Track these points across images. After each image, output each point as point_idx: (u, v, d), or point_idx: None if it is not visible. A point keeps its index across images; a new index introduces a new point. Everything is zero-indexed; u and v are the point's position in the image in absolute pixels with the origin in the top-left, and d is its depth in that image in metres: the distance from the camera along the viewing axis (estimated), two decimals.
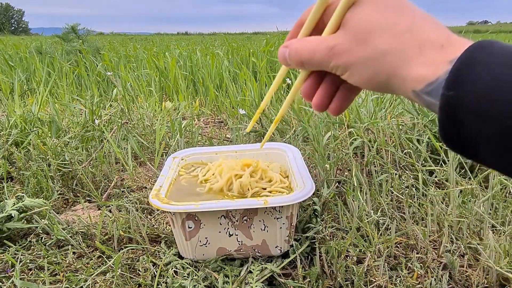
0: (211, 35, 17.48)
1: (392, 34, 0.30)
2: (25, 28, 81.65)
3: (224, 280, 0.67)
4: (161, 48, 5.09)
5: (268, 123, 1.44)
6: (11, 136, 1.25)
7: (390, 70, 0.30)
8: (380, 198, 0.88)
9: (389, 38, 0.30)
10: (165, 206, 0.65)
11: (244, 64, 3.16)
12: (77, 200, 1.02)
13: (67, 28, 4.09)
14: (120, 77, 2.47)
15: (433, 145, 1.05)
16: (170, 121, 1.38)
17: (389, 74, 0.30)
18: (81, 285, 0.68)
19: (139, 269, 0.70)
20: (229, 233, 0.70)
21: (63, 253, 0.77)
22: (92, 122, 1.42)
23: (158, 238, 0.81)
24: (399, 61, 0.29)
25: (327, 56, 0.33)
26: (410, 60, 0.29)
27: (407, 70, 0.29)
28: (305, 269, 0.69)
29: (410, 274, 0.68)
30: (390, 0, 0.32)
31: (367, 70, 0.31)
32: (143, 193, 0.99)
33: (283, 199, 0.66)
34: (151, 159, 1.22)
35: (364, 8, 0.32)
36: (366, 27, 0.31)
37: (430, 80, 0.28)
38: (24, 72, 3.10)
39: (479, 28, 19.47)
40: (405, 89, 0.30)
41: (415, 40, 0.29)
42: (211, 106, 2.15)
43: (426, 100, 0.29)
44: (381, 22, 0.31)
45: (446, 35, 0.29)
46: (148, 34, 17.66)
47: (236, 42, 5.26)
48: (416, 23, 0.30)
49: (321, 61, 0.34)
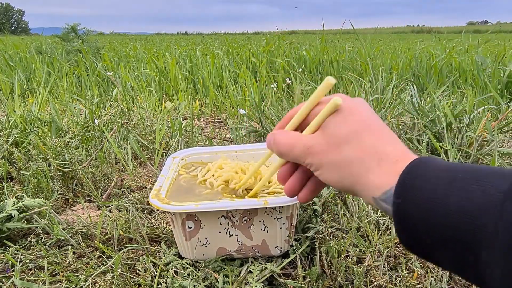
0: (211, 35, 17.48)
1: (360, 146, 0.35)
2: (25, 28, 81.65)
3: (224, 280, 0.67)
4: (161, 48, 5.09)
5: (268, 123, 1.44)
6: (11, 136, 1.25)
7: (355, 177, 0.35)
8: None
9: (356, 150, 0.35)
10: (165, 206, 0.65)
11: (244, 64, 3.16)
12: (77, 200, 1.02)
13: (67, 28, 4.09)
14: (120, 77, 2.47)
15: (433, 145, 1.05)
16: (170, 121, 1.38)
17: (353, 181, 0.35)
18: (81, 285, 0.68)
19: (139, 269, 0.70)
20: (229, 233, 0.70)
21: (63, 253, 0.77)
22: (92, 122, 1.42)
23: (158, 238, 0.81)
24: (361, 170, 0.35)
25: (304, 153, 0.39)
26: (370, 170, 0.34)
27: (368, 178, 0.34)
28: (305, 269, 0.69)
29: (410, 274, 0.68)
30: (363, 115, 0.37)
31: (336, 173, 0.37)
32: (143, 193, 0.99)
33: (283, 199, 0.66)
34: (151, 159, 1.23)
35: (340, 117, 0.37)
36: (340, 136, 0.36)
37: (386, 189, 0.32)
38: (24, 72, 3.10)
39: (479, 28, 19.43)
40: (366, 195, 0.34)
41: (376, 153, 0.34)
42: (211, 106, 2.15)
43: (383, 207, 0.33)
44: (352, 133, 0.36)
45: (401, 151, 0.34)
46: (148, 34, 17.66)
47: (236, 42, 5.26)
48: (380, 140, 0.35)
49: (298, 156, 0.39)
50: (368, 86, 1.67)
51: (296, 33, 4.87)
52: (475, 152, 1.03)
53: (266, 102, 1.83)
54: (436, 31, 16.48)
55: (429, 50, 3.47)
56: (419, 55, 3.19)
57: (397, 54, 3.53)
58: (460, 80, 2.56)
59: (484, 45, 3.86)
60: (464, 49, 3.40)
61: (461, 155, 1.02)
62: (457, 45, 3.80)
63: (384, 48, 4.18)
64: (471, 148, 1.05)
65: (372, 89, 1.68)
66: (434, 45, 4.23)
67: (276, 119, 1.44)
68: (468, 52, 3.25)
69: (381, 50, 3.93)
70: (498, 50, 3.33)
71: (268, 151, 0.48)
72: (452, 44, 4.05)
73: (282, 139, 0.41)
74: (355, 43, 3.76)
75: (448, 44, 4.12)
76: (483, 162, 1.03)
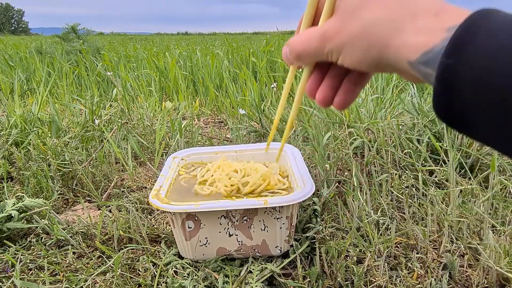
0: (211, 35, 17.48)
1: (382, 5, 0.29)
2: (25, 28, 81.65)
3: (224, 280, 0.67)
4: (161, 48, 5.09)
5: (268, 123, 1.44)
6: (11, 136, 1.25)
7: (382, 41, 0.28)
8: (380, 198, 0.88)
9: (378, 10, 0.29)
10: (165, 206, 0.65)
11: (244, 64, 3.16)
12: (77, 200, 1.02)
13: (67, 28, 4.09)
14: (120, 77, 2.47)
15: (433, 145, 1.05)
16: (170, 121, 1.38)
17: (381, 46, 0.28)
18: (81, 285, 0.68)
19: (139, 269, 0.70)
20: (229, 233, 0.70)
21: (63, 253, 0.77)
22: (92, 122, 1.42)
23: (158, 238, 0.81)
24: (390, 31, 0.28)
25: (320, 42, 0.33)
26: (403, 29, 0.27)
27: (400, 40, 0.27)
28: (305, 269, 0.69)
29: (410, 274, 0.68)
30: None
31: (358, 47, 0.30)
32: (143, 193, 0.99)
33: (283, 199, 0.66)
34: (151, 159, 1.22)
35: None
36: (355, 4, 0.30)
37: (426, 49, 0.26)
38: (24, 72, 3.10)
39: None
40: (400, 61, 0.28)
41: (406, 8, 0.28)
42: (211, 106, 2.15)
43: (423, 71, 0.27)
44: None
45: (439, 3, 0.27)
46: (148, 34, 17.66)
47: (236, 42, 5.26)
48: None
49: (316, 49, 0.33)
50: (368, 86, 1.67)
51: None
52: (475, 152, 1.03)
53: (266, 102, 1.83)
54: None
55: None
56: None
57: None
58: None
59: None
60: None
61: (461, 155, 1.02)
62: None
63: None
64: (471, 148, 1.05)
65: (372, 89, 1.69)
66: None
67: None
68: None
69: None
70: None
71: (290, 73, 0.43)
72: None
73: (295, 40, 0.36)
74: None
75: None
76: (483, 162, 1.03)
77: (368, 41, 0.29)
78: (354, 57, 0.31)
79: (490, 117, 0.23)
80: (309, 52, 0.34)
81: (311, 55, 0.35)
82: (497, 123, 0.23)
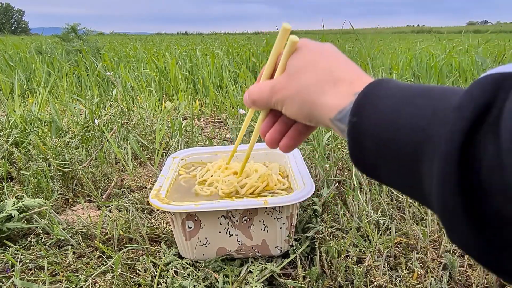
0: (211, 35, 17.47)
1: (314, 72, 0.36)
2: (25, 28, 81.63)
3: (224, 280, 0.67)
4: (161, 48, 5.09)
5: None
6: (11, 136, 1.25)
7: (311, 100, 0.36)
8: (380, 198, 0.88)
9: (311, 76, 0.36)
10: (165, 206, 0.65)
11: (244, 64, 3.15)
12: (77, 200, 1.02)
13: (67, 28, 4.09)
14: (120, 77, 2.46)
15: None
16: (170, 121, 1.38)
17: (311, 104, 0.36)
18: (81, 285, 0.68)
19: (139, 269, 0.70)
20: (229, 233, 0.70)
21: (63, 253, 0.77)
22: (92, 122, 1.42)
23: (158, 238, 0.81)
24: (317, 93, 0.35)
25: (270, 94, 0.40)
26: (326, 92, 0.35)
27: (324, 100, 0.34)
28: (305, 269, 0.69)
29: (410, 274, 0.68)
30: (321, 48, 0.38)
31: (296, 102, 0.37)
32: (143, 193, 0.99)
33: (283, 199, 0.66)
34: (151, 159, 1.22)
35: (299, 54, 0.39)
36: (299, 67, 0.38)
37: (340, 108, 0.33)
38: (24, 72, 3.10)
39: (479, 28, 19.46)
40: (323, 117, 0.35)
41: (331, 77, 0.35)
42: (211, 106, 2.14)
43: (339, 127, 0.33)
44: (308, 62, 0.37)
45: (357, 75, 0.35)
46: (148, 34, 17.65)
47: (236, 42, 5.26)
48: (335, 65, 0.36)
49: (267, 98, 0.41)
50: None
51: (296, 33, 4.94)
52: None
53: None
54: (436, 31, 16.47)
55: (429, 50, 3.47)
56: (419, 55, 3.19)
57: (397, 54, 3.52)
58: (460, 80, 2.55)
59: (484, 45, 3.85)
60: (464, 49, 3.40)
61: None
62: (457, 45, 3.79)
63: (384, 48, 4.17)
64: None
65: None
66: (434, 45, 4.22)
67: None
68: (468, 52, 3.25)
69: (381, 50, 3.93)
70: (498, 50, 3.33)
71: (248, 113, 0.54)
72: (452, 44, 4.05)
73: (253, 89, 0.43)
74: (355, 43, 3.76)
75: (448, 44, 4.12)
76: None
77: (302, 98, 0.37)
78: (293, 110, 0.38)
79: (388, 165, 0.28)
80: (261, 100, 0.42)
81: (263, 103, 0.42)
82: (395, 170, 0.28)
